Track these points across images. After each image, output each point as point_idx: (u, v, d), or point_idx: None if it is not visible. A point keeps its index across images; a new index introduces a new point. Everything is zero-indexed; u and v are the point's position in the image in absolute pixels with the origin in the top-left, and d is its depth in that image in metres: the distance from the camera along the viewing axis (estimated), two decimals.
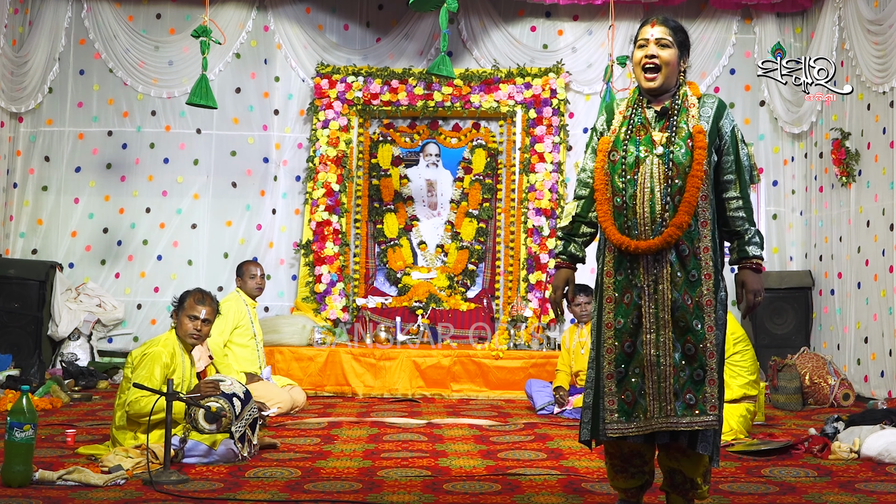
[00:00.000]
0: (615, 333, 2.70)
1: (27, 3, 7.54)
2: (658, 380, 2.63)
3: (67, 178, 7.57)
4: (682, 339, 2.64)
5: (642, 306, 2.67)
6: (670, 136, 2.69)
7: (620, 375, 2.68)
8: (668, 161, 2.66)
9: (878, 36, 6.27)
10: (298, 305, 7.38)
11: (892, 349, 6.05)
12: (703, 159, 2.64)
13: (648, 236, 2.66)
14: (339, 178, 7.50)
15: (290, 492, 3.28)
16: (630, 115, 2.79)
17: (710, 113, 2.72)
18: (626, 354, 2.68)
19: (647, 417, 2.63)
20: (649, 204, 2.67)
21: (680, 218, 2.63)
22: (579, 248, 2.90)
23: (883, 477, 3.65)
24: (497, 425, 5.06)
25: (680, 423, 2.60)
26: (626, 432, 2.66)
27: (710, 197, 2.70)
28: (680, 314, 2.63)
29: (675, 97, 2.75)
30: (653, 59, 2.70)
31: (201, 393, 3.77)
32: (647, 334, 2.65)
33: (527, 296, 7.31)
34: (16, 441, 3.23)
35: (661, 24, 2.75)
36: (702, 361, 2.62)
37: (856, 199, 6.69)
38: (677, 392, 2.61)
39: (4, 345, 6.71)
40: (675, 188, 2.65)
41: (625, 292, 2.70)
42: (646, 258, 2.66)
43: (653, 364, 2.64)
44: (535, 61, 7.64)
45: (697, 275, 2.65)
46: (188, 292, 4.07)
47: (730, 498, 3.25)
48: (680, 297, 2.64)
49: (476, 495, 3.26)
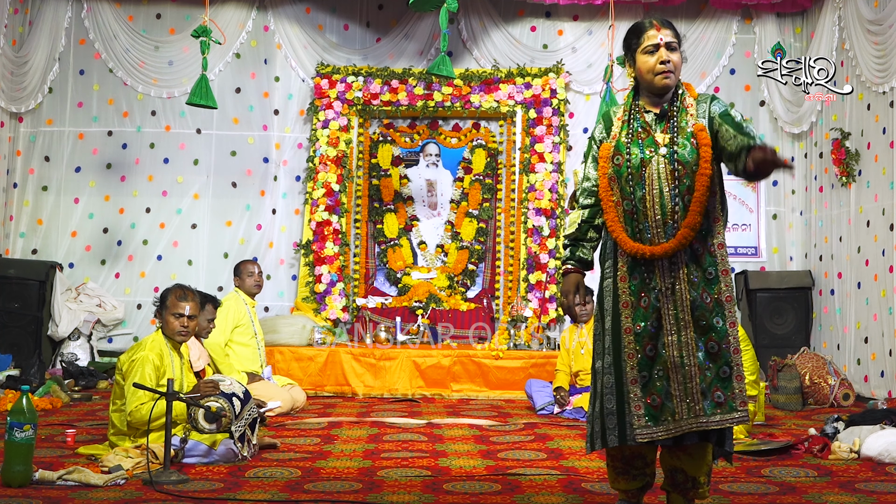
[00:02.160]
0: (635, 338, 2.68)
1: (27, 3, 7.56)
2: (684, 381, 2.62)
3: (67, 178, 7.58)
4: (704, 338, 2.63)
5: (661, 308, 2.66)
6: (672, 136, 2.69)
7: (644, 380, 2.66)
8: (673, 160, 2.66)
9: (878, 36, 6.29)
10: (298, 305, 7.39)
11: (892, 349, 6.06)
12: (709, 156, 2.63)
13: (661, 239, 2.66)
14: (339, 178, 7.51)
15: (290, 492, 3.28)
16: (628, 119, 2.78)
17: (706, 109, 2.72)
18: (648, 358, 2.67)
19: (676, 419, 2.62)
20: (659, 205, 2.66)
21: (692, 218, 2.62)
22: (588, 253, 2.88)
23: (883, 477, 3.66)
24: (497, 425, 5.06)
25: (711, 422, 2.59)
26: (655, 436, 2.64)
27: (718, 193, 2.70)
28: (700, 313, 2.63)
29: (674, 99, 2.75)
30: (667, 64, 2.69)
31: (201, 393, 3.77)
32: (669, 336, 2.64)
33: (527, 296, 7.32)
34: (16, 441, 3.24)
35: (666, 26, 2.74)
36: (726, 358, 2.62)
37: (856, 199, 6.70)
38: (705, 391, 2.61)
39: (4, 345, 6.72)
40: (683, 187, 2.65)
41: (641, 296, 2.69)
42: (661, 261, 2.66)
43: (677, 365, 2.63)
44: (535, 61, 7.66)
45: (714, 272, 2.65)
46: (169, 290, 4.03)
47: (730, 498, 3.25)
48: (699, 296, 2.64)
49: (476, 495, 3.26)
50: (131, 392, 3.75)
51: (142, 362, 3.81)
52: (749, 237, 7.68)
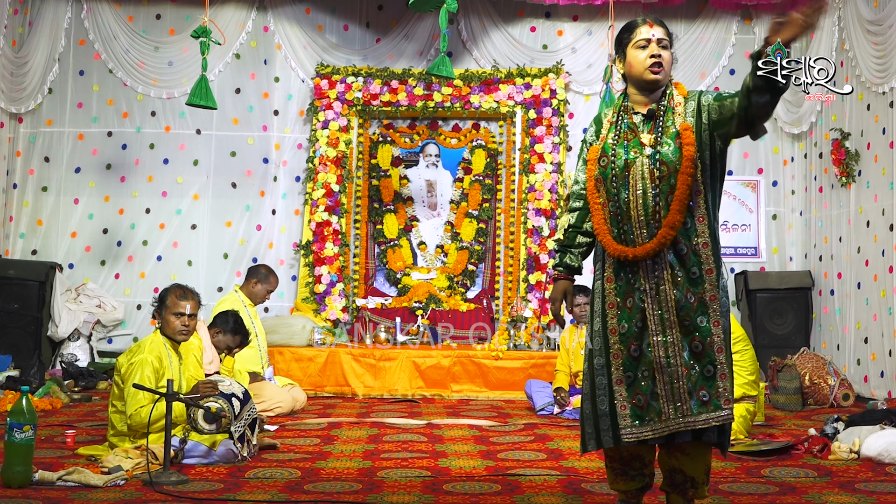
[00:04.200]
0: (620, 338, 2.70)
1: (27, 4, 7.57)
2: (670, 381, 2.63)
3: (67, 178, 7.60)
4: (688, 338, 2.64)
5: (645, 309, 2.67)
6: (657, 136, 2.70)
7: (630, 380, 2.68)
8: (656, 160, 2.67)
9: (877, 36, 6.30)
10: (298, 306, 7.40)
11: (891, 349, 6.07)
12: (691, 155, 2.63)
13: (644, 240, 2.67)
14: (338, 179, 7.52)
15: (290, 492, 3.29)
16: (616, 120, 2.80)
17: (693, 106, 2.71)
18: (633, 358, 2.69)
19: (663, 419, 2.63)
20: (642, 206, 2.67)
21: (672, 217, 2.62)
22: (575, 259, 2.91)
23: (883, 477, 3.66)
24: (497, 426, 5.07)
25: (697, 421, 2.61)
26: (641, 436, 2.66)
27: (704, 191, 2.69)
28: (684, 313, 2.64)
29: (662, 99, 2.75)
30: (657, 58, 2.71)
31: (200, 393, 3.78)
32: (654, 336, 2.65)
33: (526, 296, 7.32)
34: (15, 442, 3.25)
35: (659, 24, 2.76)
36: (711, 357, 2.62)
37: (855, 199, 6.71)
38: (691, 390, 2.62)
39: (4, 345, 6.72)
40: (666, 187, 2.65)
41: (626, 296, 2.71)
42: (645, 261, 2.67)
43: (662, 366, 2.64)
44: (534, 62, 7.67)
45: (699, 272, 2.65)
46: (168, 290, 4.04)
47: (730, 498, 3.26)
48: (682, 296, 2.64)
49: (476, 496, 3.27)
50: (131, 395, 3.76)
51: (140, 364, 3.82)
52: (749, 237, 7.69)
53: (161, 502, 3.12)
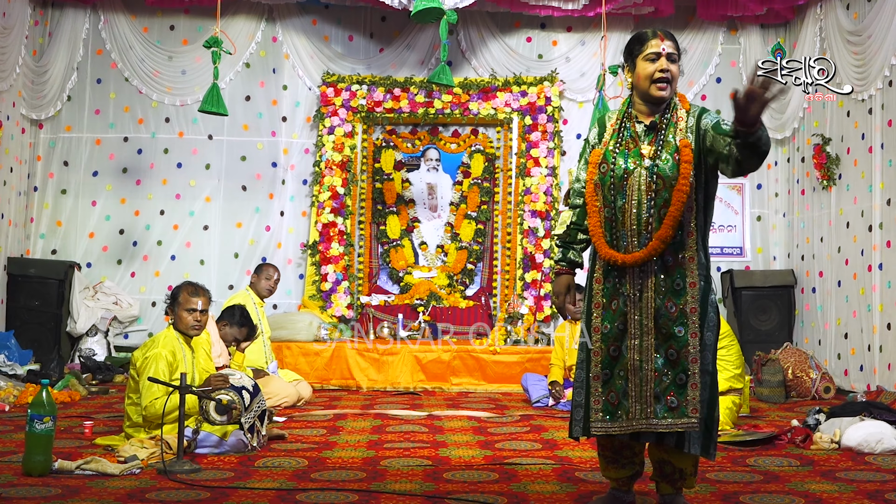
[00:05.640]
0: (602, 337, 2.74)
1: (47, 16, 7.64)
2: (640, 383, 2.66)
3: (85, 181, 7.67)
4: (664, 345, 2.66)
5: (627, 313, 2.70)
6: (657, 149, 2.69)
7: (606, 377, 2.72)
8: (653, 173, 2.67)
9: (857, 46, 6.34)
10: (305, 303, 7.46)
11: (870, 344, 6.12)
12: (688, 173, 2.63)
13: (635, 248, 2.69)
14: (343, 182, 7.60)
15: (298, 480, 3.31)
16: (619, 128, 2.79)
17: (693, 124, 2.70)
18: (611, 358, 2.72)
19: (629, 418, 2.67)
20: (636, 216, 2.68)
21: (664, 231, 2.64)
22: (577, 255, 2.93)
23: (862, 466, 3.72)
24: (495, 417, 5.12)
25: (660, 425, 2.64)
26: (609, 431, 2.70)
27: (695, 207, 2.70)
28: (663, 321, 2.66)
29: (666, 111, 2.74)
30: (665, 73, 2.69)
31: (212, 386, 3.81)
32: (632, 340, 2.68)
33: (523, 294, 7.37)
34: (36, 432, 3.28)
35: (669, 38, 2.73)
36: (684, 366, 2.64)
37: (836, 201, 6.75)
38: (658, 395, 2.64)
39: (25, 341, 6.76)
40: (661, 200, 2.66)
41: (612, 299, 2.74)
42: (632, 268, 2.69)
43: (636, 368, 2.67)
44: (530, 70, 7.72)
45: (682, 283, 2.67)
46: (179, 288, 4.07)
47: (716, 486, 3.30)
48: (663, 305, 2.67)
49: (475, 484, 3.30)
50: (146, 388, 3.77)
51: (155, 359, 3.83)
52: (734, 238, 7.75)
53: (175, 490, 3.13)
